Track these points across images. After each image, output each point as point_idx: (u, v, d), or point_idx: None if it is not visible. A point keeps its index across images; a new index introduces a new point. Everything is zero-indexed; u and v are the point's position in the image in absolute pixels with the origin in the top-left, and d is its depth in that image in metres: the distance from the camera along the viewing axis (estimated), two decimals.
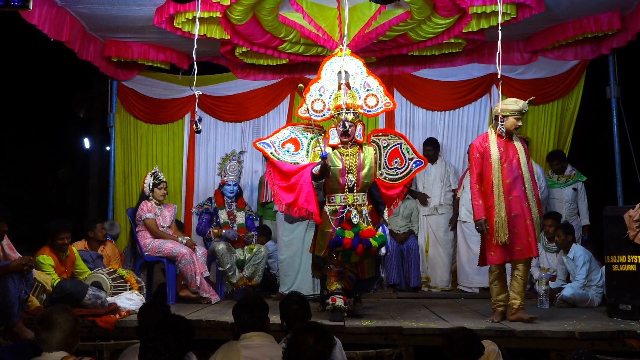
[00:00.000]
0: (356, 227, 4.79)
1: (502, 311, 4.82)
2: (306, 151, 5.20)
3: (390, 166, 5.32)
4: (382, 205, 5.14)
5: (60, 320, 2.89)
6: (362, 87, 5.20)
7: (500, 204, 4.75)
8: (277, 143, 5.21)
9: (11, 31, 8.15)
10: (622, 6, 6.02)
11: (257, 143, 5.26)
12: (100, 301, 4.90)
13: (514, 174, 4.78)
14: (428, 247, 7.03)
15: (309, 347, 2.50)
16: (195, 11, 5.37)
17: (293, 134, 5.26)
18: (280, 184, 5.13)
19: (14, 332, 4.29)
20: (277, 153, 5.18)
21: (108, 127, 7.68)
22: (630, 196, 6.14)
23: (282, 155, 5.19)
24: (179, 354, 2.60)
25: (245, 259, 6.26)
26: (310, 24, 6.09)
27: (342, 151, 5.04)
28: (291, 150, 5.21)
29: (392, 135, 5.43)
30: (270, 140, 5.25)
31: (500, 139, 4.82)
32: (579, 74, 6.97)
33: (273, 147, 5.20)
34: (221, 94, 7.58)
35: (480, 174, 4.86)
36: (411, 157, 5.37)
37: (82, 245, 6.07)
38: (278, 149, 5.20)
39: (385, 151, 5.29)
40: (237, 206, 6.47)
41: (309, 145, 5.22)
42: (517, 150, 4.83)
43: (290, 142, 5.23)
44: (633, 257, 4.90)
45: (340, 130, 5.01)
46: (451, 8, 5.75)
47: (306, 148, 5.21)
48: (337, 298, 4.89)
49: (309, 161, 5.14)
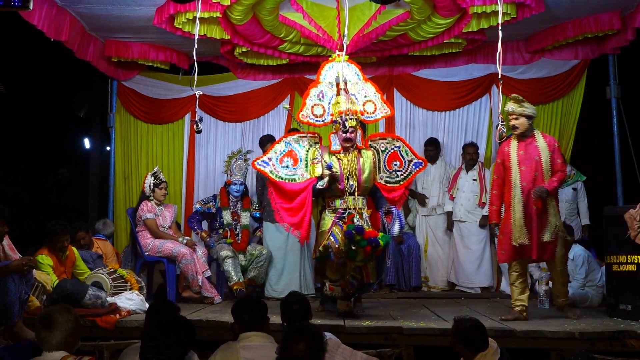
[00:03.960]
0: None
1: (519, 311, 4.84)
2: (305, 165, 5.17)
3: (389, 169, 5.36)
4: (383, 199, 5.15)
5: (61, 320, 2.89)
6: (359, 93, 5.21)
7: (516, 206, 4.79)
8: (274, 159, 5.16)
9: (11, 31, 8.14)
10: (622, 6, 6.02)
11: (255, 163, 5.19)
12: (101, 301, 4.90)
13: (532, 175, 4.81)
14: (427, 247, 7.04)
15: (300, 353, 2.49)
16: (196, 11, 5.37)
17: (289, 146, 5.21)
18: (283, 205, 5.11)
19: (14, 332, 4.29)
20: (277, 171, 5.13)
21: (108, 127, 7.68)
22: (630, 196, 6.14)
23: (282, 172, 5.13)
24: (180, 354, 2.60)
25: (247, 263, 6.27)
26: (310, 24, 6.09)
27: (340, 157, 5.06)
28: (290, 165, 5.15)
29: (390, 139, 5.46)
30: (267, 157, 5.19)
31: (520, 141, 4.88)
32: (580, 73, 6.97)
33: (271, 165, 5.14)
34: (221, 94, 7.58)
35: (500, 179, 4.97)
36: (410, 159, 5.39)
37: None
38: (276, 165, 5.14)
39: (384, 155, 5.31)
40: (242, 206, 6.46)
41: (306, 158, 5.19)
42: (539, 150, 4.85)
43: (288, 155, 5.18)
44: (633, 257, 4.90)
45: (343, 137, 5.01)
46: (451, 8, 5.75)
47: (304, 162, 5.18)
48: (335, 287, 4.92)
49: (309, 175, 5.12)
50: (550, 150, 4.85)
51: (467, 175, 6.79)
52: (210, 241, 6.30)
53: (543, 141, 4.87)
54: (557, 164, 4.87)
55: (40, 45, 7.59)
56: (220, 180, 7.12)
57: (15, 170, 11.00)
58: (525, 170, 4.83)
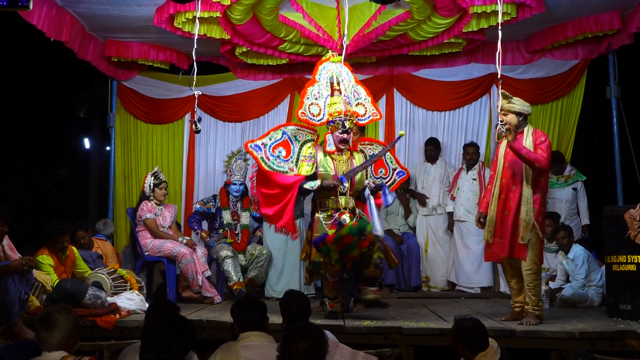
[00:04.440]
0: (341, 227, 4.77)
1: (518, 311, 4.80)
2: (295, 160, 5.14)
3: (376, 176, 5.44)
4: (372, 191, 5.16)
5: (61, 320, 2.89)
6: (352, 95, 5.21)
7: (493, 204, 4.77)
8: (268, 146, 5.12)
9: (11, 31, 8.14)
10: (622, 6, 6.02)
11: (248, 145, 5.14)
12: (101, 301, 4.90)
13: (511, 172, 4.71)
14: (427, 247, 7.04)
15: (300, 352, 2.48)
16: (195, 11, 5.37)
17: (285, 136, 5.18)
18: (265, 193, 5.08)
19: (14, 332, 4.29)
20: (267, 159, 5.08)
21: (108, 127, 7.68)
22: (630, 196, 6.14)
23: (272, 162, 5.09)
24: (180, 354, 2.59)
25: (247, 263, 6.27)
26: (310, 23, 6.09)
27: (334, 157, 5.07)
28: (282, 156, 5.12)
29: (377, 145, 5.49)
30: (262, 142, 5.14)
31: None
32: (580, 73, 6.97)
33: (264, 152, 5.09)
34: (221, 94, 7.58)
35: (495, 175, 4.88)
36: (394, 167, 5.46)
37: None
38: (269, 153, 5.10)
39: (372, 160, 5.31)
40: (242, 206, 6.46)
41: (299, 153, 5.16)
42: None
43: (282, 145, 5.15)
44: (633, 257, 4.90)
45: (339, 137, 5.01)
46: (451, 8, 5.75)
47: (296, 156, 5.14)
48: (335, 303, 4.95)
49: (297, 171, 5.08)
50: (536, 146, 4.66)
51: (467, 175, 6.79)
52: (210, 241, 6.30)
53: (530, 138, 4.72)
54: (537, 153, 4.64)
55: (40, 46, 7.60)
56: (220, 180, 7.12)
57: (15, 170, 11.00)
58: (507, 167, 4.76)
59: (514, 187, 4.70)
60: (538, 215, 4.65)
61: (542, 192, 4.73)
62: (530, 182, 4.66)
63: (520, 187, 4.67)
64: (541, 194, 4.70)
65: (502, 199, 4.74)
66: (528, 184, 4.66)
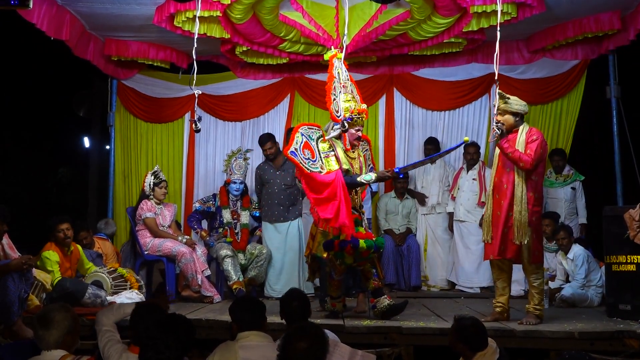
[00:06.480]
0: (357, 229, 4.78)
1: (499, 312, 4.78)
2: (320, 157, 4.96)
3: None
4: None
5: (59, 319, 2.89)
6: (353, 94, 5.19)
7: (489, 204, 4.77)
8: (299, 150, 4.92)
9: (11, 31, 8.13)
10: (622, 6, 6.01)
11: (288, 153, 4.88)
12: (100, 300, 4.91)
13: (504, 171, 4.68)
14: (427, 246, 7.04)
15: (301, 351, 2.47)
16: (196, 10, 5.36)
17: (304, 137, 5.00)
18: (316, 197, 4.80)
19: (14, 331, 4.29)
20: (304, 162, 4.86)
21: (108, 126, 7.67)
22: (630, 196, 6.13)
23: (309, 164, 4.88)
24: (179, 353, 2.59)
25: (247, 262, 6.27)
26: (310, 23, 6.09)
27: (350, 155, 5.03)
28: (310, 157, 4.95)
29: (365, 141, 5.39)
30: (293, 147, 4.91)
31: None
32: (580, 73, 6.96)
33: (299, 156, 4.87)
34: (221, 93, 7.57)
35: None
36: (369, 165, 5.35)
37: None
38: (301, 156, 4.88)
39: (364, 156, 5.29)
40: (242, 205, 6.46)
41: (319, 151, 4.99)
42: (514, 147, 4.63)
43: (305, 147, 4.97)
44: (633, 257, 4.90)
45: (355, 135, 4.95)
46: (452, 7, 5.74)
47: (318, 154, 4.96)
48: (337, 303, 4.95)
49: (327, 168, 4.89)
50: (527, 145, 4.60)
51: (467, 175, 6.78)
52: (210, 240, 6.29)
53: (523, 137, 4.65)
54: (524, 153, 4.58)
55: (40, 45, 7.60)
56: (220, 179, 7.12)
57: (15, 170, 10.99)
58: (500, 166, 4.74)
59: (505, 187, 4.66)
60: (532, 215, 4.61)
61: (536, 191, 4.67)
62: (523, 182, 4.60)
63: (512, 187, 4.63)
64: (535, 194, 4.64)
65: (496, 198, 4.73)
66: (520, 183, 4.60)
